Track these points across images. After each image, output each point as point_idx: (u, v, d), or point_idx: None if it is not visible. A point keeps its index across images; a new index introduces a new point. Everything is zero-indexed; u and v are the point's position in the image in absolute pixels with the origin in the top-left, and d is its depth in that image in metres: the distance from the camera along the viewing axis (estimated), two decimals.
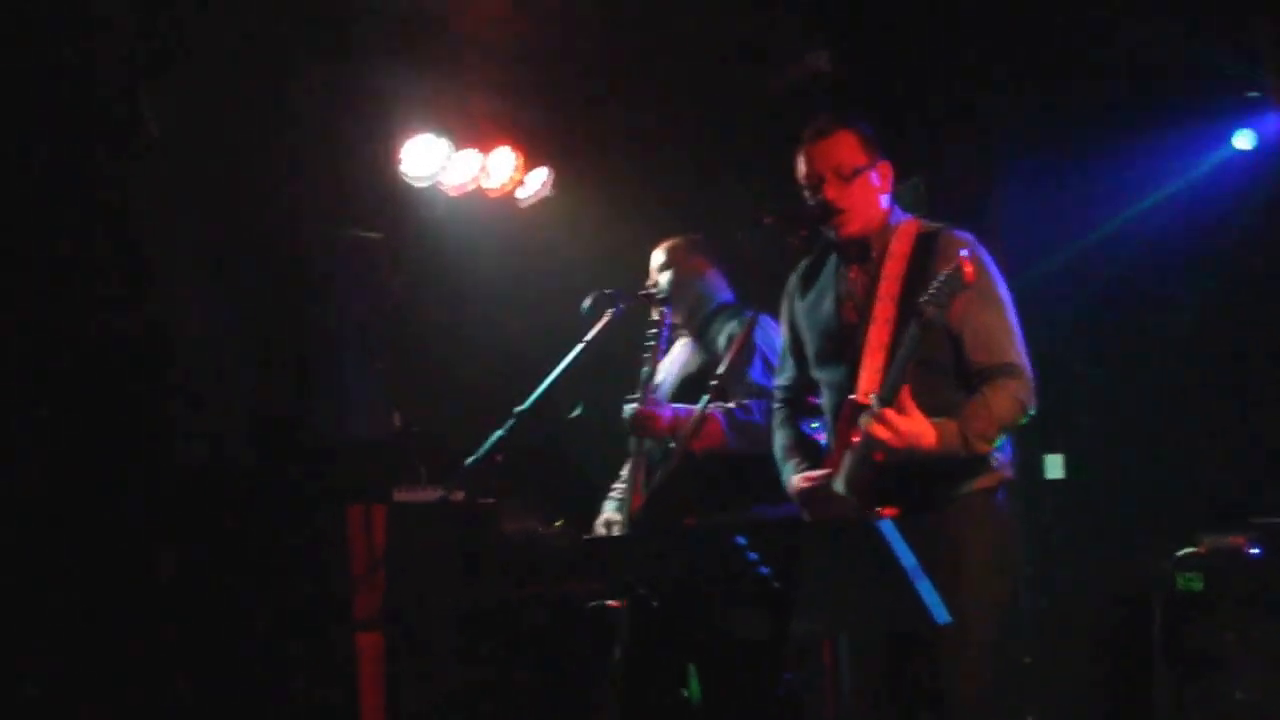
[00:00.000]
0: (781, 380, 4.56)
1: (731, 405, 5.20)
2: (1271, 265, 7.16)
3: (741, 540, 3.31)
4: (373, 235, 6.21)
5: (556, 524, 6.52)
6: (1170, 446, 7.17)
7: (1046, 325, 4.14)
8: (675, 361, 5.61)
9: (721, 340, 5.39)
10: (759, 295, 4.94)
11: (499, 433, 5.26)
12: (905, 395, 3.75)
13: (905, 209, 4.28)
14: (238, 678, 5.64)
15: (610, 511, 5.61)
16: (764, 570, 3.35)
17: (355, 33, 6.07)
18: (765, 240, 4.38)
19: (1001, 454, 4.08)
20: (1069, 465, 7.26)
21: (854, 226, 4.13)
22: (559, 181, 7.19)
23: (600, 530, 5.58)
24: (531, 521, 6.34)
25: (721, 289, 5.61)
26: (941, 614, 3.35)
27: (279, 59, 5.99)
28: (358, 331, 6.10)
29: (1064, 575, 6.91)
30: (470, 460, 5.26)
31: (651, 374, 5.42)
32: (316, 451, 5.93)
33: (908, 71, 6.86)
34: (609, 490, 5.69)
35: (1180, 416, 7.14)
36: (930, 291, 3.70)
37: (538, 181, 7.20)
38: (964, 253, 3.72)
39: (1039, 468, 7.15)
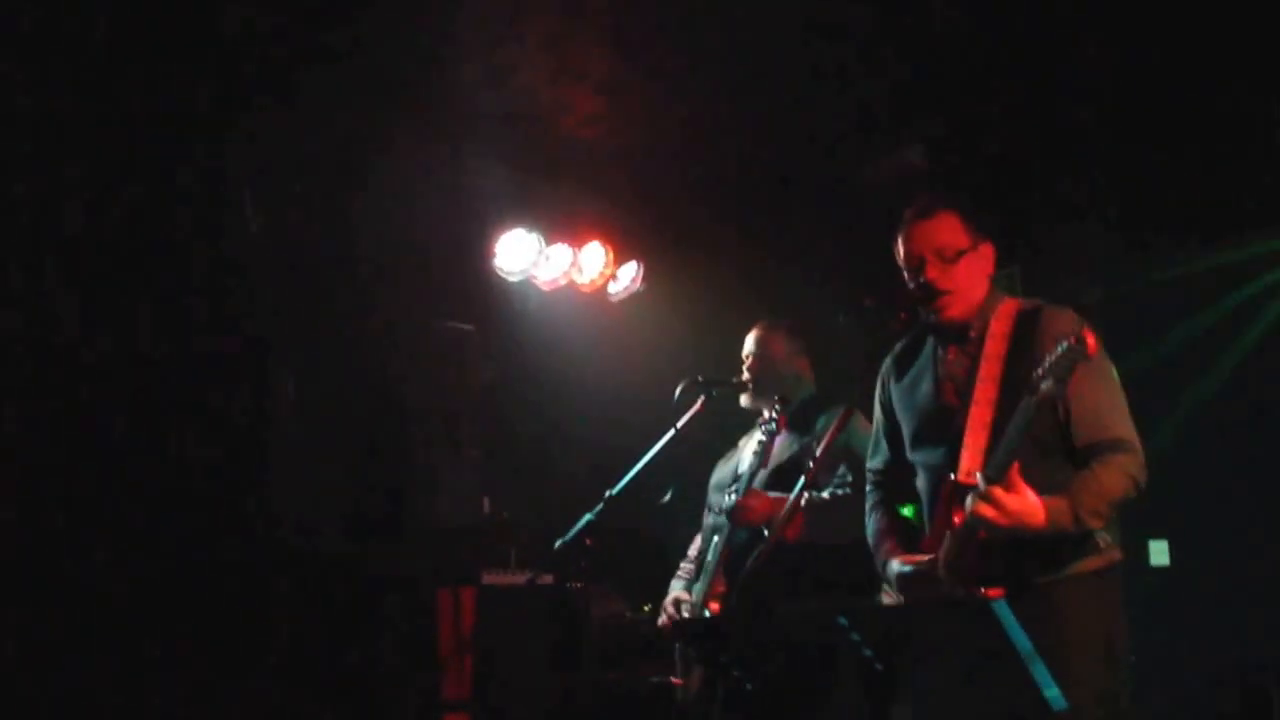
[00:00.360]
0: (874, 464, 4.43)
1: (825, 494, 5.21)
2: None
3: (844, 621, 3.26)
4: (464, 327, 6.32)
5: (645, 608, 6.53)
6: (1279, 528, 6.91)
7: (1149, 407, 4.06)
8: (763, 451, 5.62)
9: (816, 430, 5.41)
10: (856, 379, 4.94)
11: (589, 516, 5.25)
12: (1014, 472, 3.59)
13: None
14: None
15: (679, 590, 5.58)
16: (868, 652, 3.29)
17: (452, 127, 6.20)
18: (865, 324, 4.35)
19: (1109, 535, 3.91)
20: (1174, 551, 7.05)
21: (956, 309, 4.03)
22: (649, 275, 7.27)
23: (669, 609, 5.58)
24: (619, 606, 6.34)
25: (807, 378, 5.65)
26: (1059, 700, 3.24)
27: (379, 150, 6.12)
28: (449, 420, 6.19)
29: (1171, 667, 6.61)
30: (560, 542, 5.26)
31: (758, 465, 5.44)
32: (408, 535, 5.99)
33: (1004, 161, 6.86)
34: (676, 570, 5.71)
35: None
36: (1048, 365, 3.51)
37: (628, 276, 7.29)
38: (1085, 325, 3.58)
39: (1143, 554, 6.96)
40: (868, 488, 4.48)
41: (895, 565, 4.08)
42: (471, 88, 5.81)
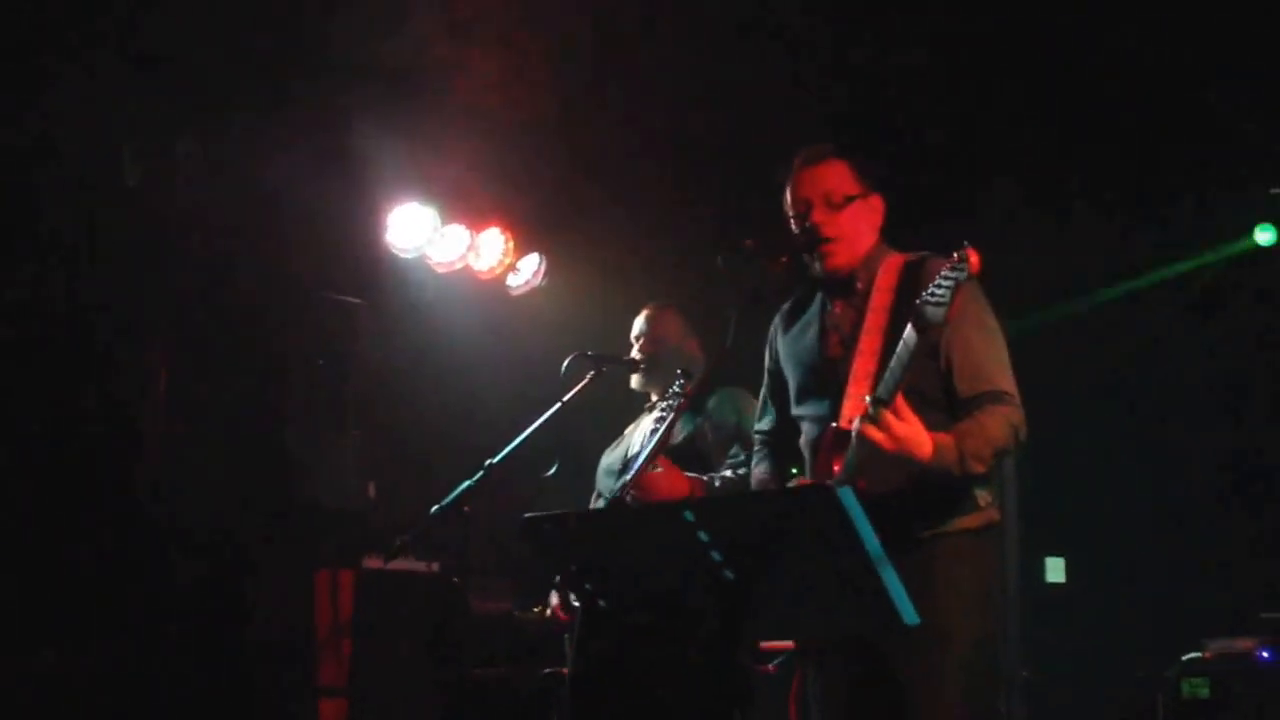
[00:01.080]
0: (761, 425, 4.33)
1: (726, 473, 5.06)
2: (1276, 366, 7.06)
3: (689, 516, 3.07)
4: (351, 300, 6.11)
5: (535, 609, 6.32)
6: (1174, 549, 6.98)
7: (1047, 427, 4.02)
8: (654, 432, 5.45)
9: (707, 410, 5.25)
10: (734, 323, 4.76)
11: (467, 483, 5.07)
12: (902, 401, 3.50)
13: None
14: None
15: None
16: (716, 555, 3.09)
17: (344, 88, 6.02)
18: (745, 266, 4.20)
19: (987, 494, 3.85)
20: (1070, 569, 7.04)
21: (841, 258, 3.92)
22: (552, 269, 7.10)
23: (555, 601, 5.40)
24: (504, 602, 6.14)
25: (699, 358, 5.49)
26: (910, 613, 3.07)
27: (267, 111, 5.94)
28: (333, 398, 5.97)
29: (1065, 681, 6.62)
30: (436, 508, 5.07)
31: (656, 444, 5.28)
32: (286, 516, 5.75)
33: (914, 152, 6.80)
34: None
35: (1184, 518, 6.96)
36: (929, 290, 3.41)
37: (530, 270, 7.10)
38: (968, 245, 3.48)
39: (1039, 571, 6.92)
40: (755, 448, 4.36)
41: None
42: (361, 37, 5.63)
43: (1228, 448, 6.98)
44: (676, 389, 5.21)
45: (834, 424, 3.77)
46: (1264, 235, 7.45)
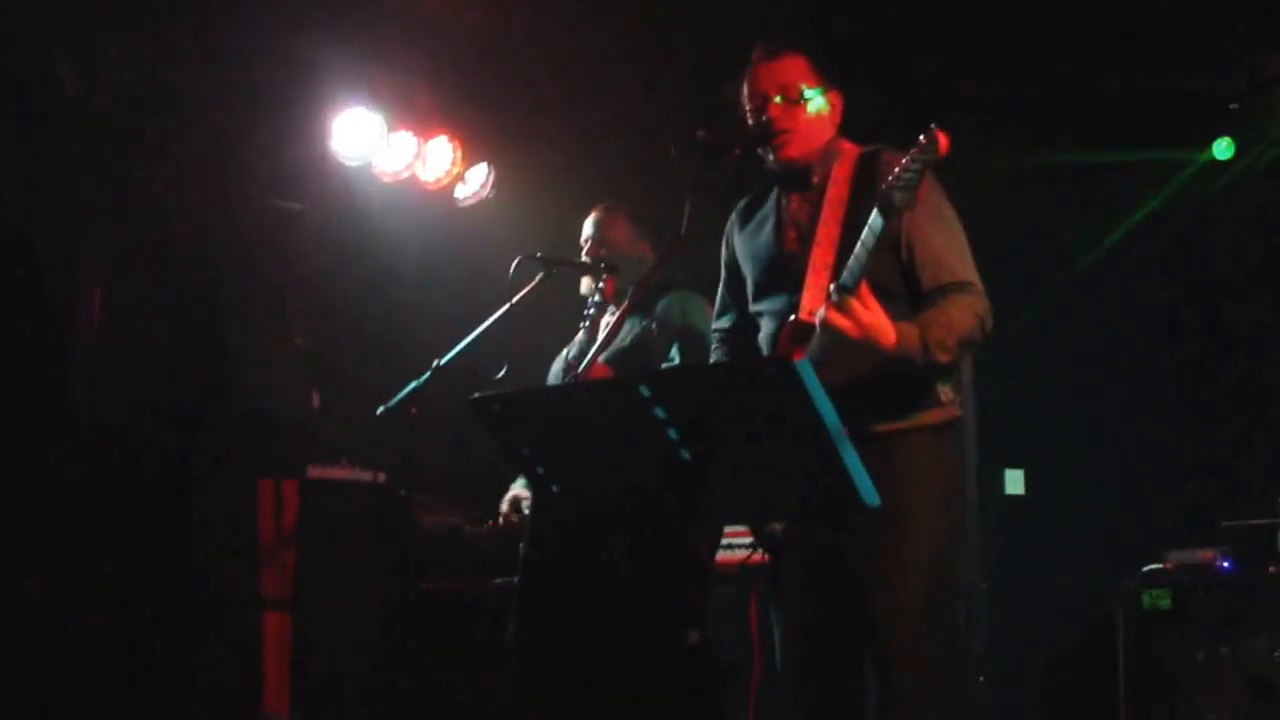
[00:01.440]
0: (720, 324, 4.24)
1: None
2: (1237, 277, 7.01)
3: (646, 391, 2.94)
4: (294, 206, 5.93)
5: (487, 524, 6.20)
6: (1135, 459, 6.93)
7: (1006, 336, 3.95)
8: (607, 334, 5.32)
9: (656, 313, 5.13)
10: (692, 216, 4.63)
11: (414, 384, 4.96)
12: (866, 289, 3.42)
13: None
14: (136, 652, 5.27)
15: (518, 488, 5.32)
16: (672, 433, 2.97)
17: None
18: (699, 158, 4.07)
19: (950, 391, 3.81)
20: (1029, 480, 6.95)
21: (795, 149, 3.86)
22: (500, 180, 6.92)
23: (507, 509, 5.27)
24: (454, 517, 6.01)
25: (649, 260, 5.35)
26: (870, 493, 2.97)
27: (197, 17, 5.73)
28: (276, 305, 5.80)
29: (1024, 593, 6.54)
30: (382, 409, 4.94)
31: (590, 344, 5.15)
32: (228, 422, 5.59)
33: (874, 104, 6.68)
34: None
35: (1145, 428, 6.91)
36: (896, 175, 3.31)
37: (477, 181, 6.94)
38: (936, 126, 3.40)
39: (999, 482, 6.84)
40: (713, 346, 4.27)
41: None
42: None
43: (1190, 359, 6.92)
44: (601, 282, 5.13)
45: (793, 316, 3.68)
46: (1222, 149, 7.39)
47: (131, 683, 5.23)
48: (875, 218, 3.39)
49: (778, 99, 3.87)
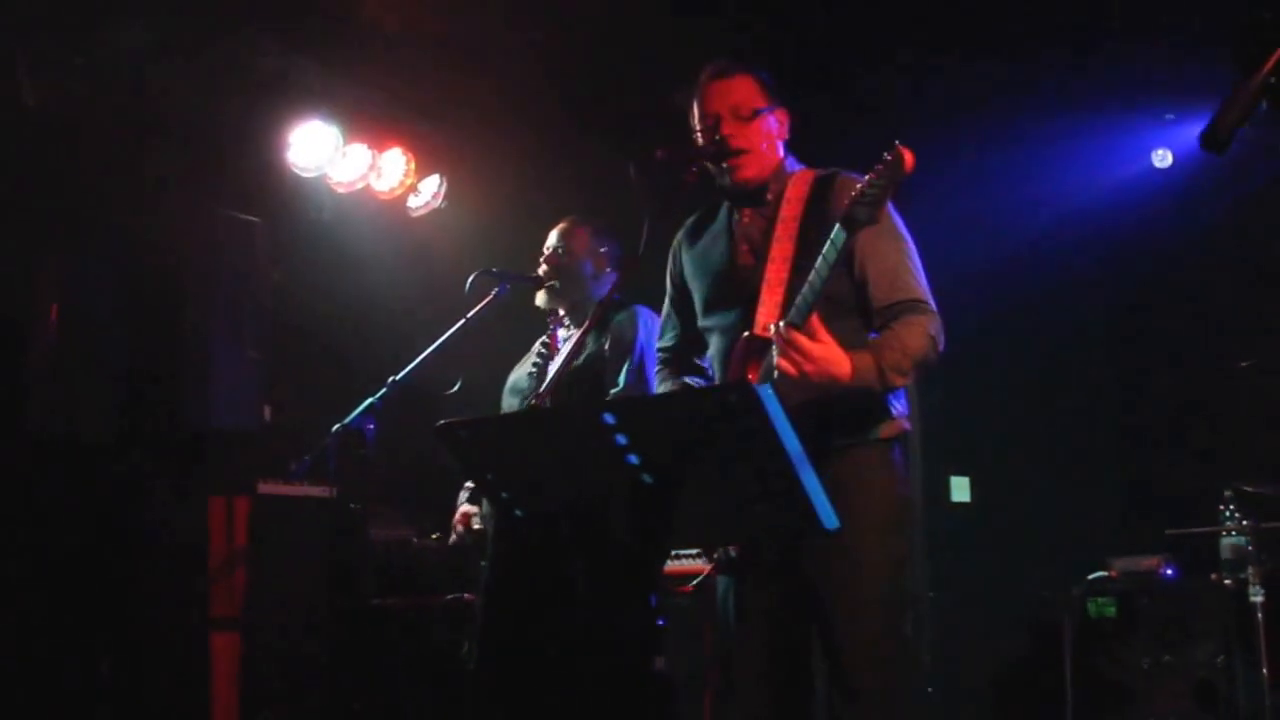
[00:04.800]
0: (664, 342, 4.14)
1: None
2: (1177, 288, 7.02)
3: (610, 419, 2.86)
4: (250, 219, 5.78)
5: (434, 536, 6.08)
6: (1080, 467, 6.91)
7: (954, 345, 3.92)
8: (569, 352, 5.23)
9: (610, 329, 5.05)
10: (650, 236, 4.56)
11: (370, 400, 4.85)
12: (816, 320, 3.34)
13: None
14: (83, 672, 5.07)
15: (465, 505, 5.16)
16: (633, 459, 2.89)
17: (247, 8, 5.69)
18: (657, 177, 4.00)
19: (900, 404, 3.73)
20: (975, 487, 6.92)
21: (750, 170, 3.81)
22: (452, 192, 6.81)
23: (458, 526, 5.16)
24: (404, 530, 5.89)
25: (611, 278, 5.26)
26: (829, 516, 2.89)
27: (156, 29, 5.57)
28: (231, 318, 5.64)
29: (970, 601, 6.51)
30: (338, 427, 4.82)
31: (548, 359, 5.08)
32: (180, 437, 5.43)
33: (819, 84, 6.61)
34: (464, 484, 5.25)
35: (1090, 436, 6.90)
36: (860, 190, 3.27)
37: (430, 191, 6.80)
38: (899, 143, 3.30)
39: (945, 490, 6.80)
40: (657, 367, 4.19)
41: None
42: None
43: (1133, 368, 6.92)
44: (540, 304, 5.05)
45: (747, 332, 3.59)
46: (1161, 159, 7.41)
47: (78, 704, 5.03)
48: (838, 232, 3.34)
49: (729, 118, 3.81)
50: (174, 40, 5.71)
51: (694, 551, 3.79)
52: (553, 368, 5.12)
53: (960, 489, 6.86)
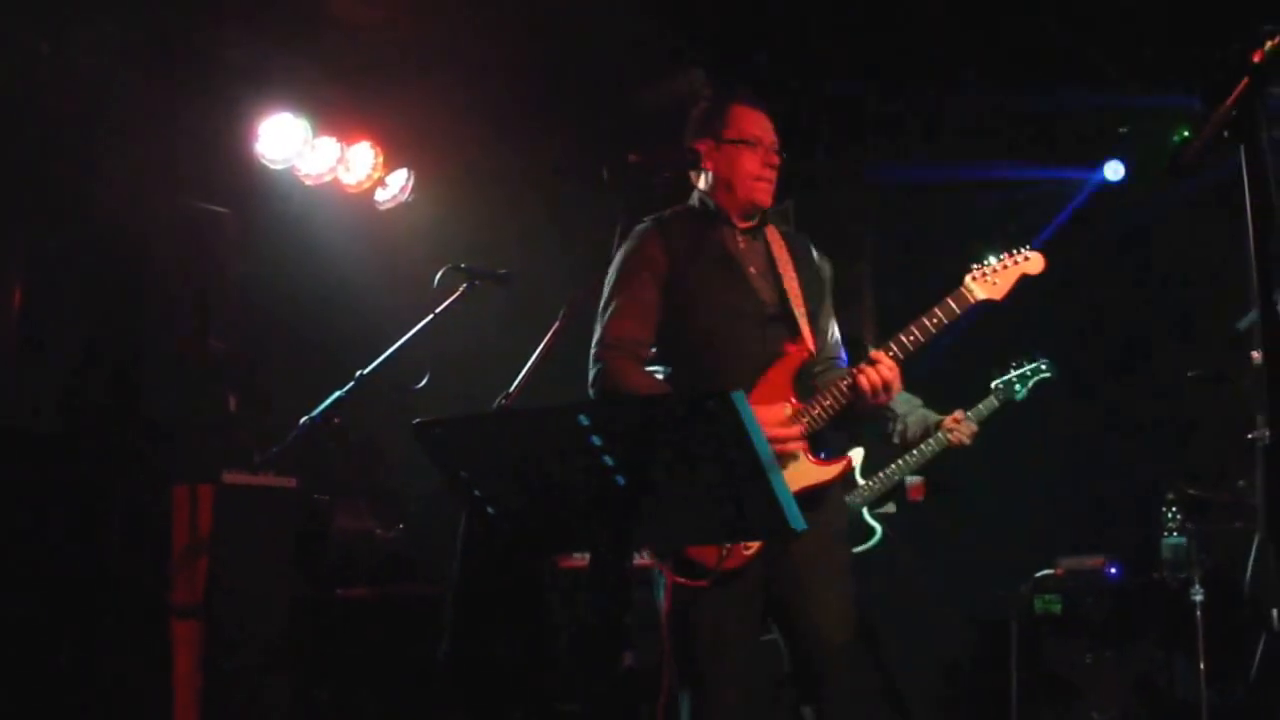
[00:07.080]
0: (634, 333, 3.93)
1: None
2: (1128, 293, 7.09)
3: (585, 420, 2.85)
4: (218, 209, 5.72)
5: (400, 527, 6.06)
6: (1028, 468, 6.95)
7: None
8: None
9: None
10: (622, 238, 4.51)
11: (338, 393, 4.79)
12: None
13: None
14: (43, 661, 4.95)
15: None
16: (608, 460, 2.88)
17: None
18: (630, 180, 3.96)
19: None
20: (927, 487, 6.92)
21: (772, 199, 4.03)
22: (419, 186, 6.77)
23: None
24: (368, 522, 5.86)
25: None
26: (797, 520, 2.91)
27: (124, 20, 5.50)
28: (196, 308, 5.58)
29: (917, 599, 6.51)
30: (306, 420, 4.77)
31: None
32: (143, 426, 5.36)
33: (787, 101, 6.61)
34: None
35: (1038, 437, 6.92)
36: (982, 270, 3.99)
37: (397, 185, 6.75)
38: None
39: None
40: (618, 356, 3.98)
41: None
42: None
43: (1082, 370, 6.95)
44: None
45: (793, 346, 3.83)
46: (1114, 171, 7.50)
47: (38, 692, 4.94)
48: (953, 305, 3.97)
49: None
50: (144, 31, 5.63)
51: None
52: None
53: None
